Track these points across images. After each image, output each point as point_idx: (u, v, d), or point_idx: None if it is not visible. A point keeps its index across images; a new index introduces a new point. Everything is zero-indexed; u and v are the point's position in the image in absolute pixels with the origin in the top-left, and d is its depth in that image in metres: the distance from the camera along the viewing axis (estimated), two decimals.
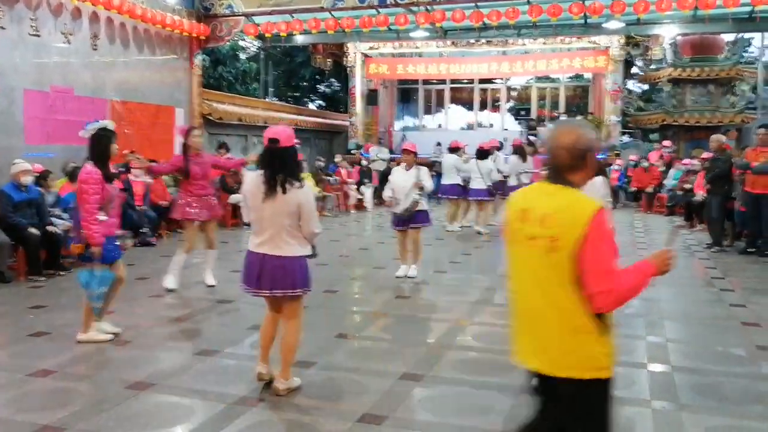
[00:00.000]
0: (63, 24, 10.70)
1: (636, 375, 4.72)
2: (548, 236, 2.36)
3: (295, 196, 4.14)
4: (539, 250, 2.39)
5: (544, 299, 2.42)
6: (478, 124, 24.28)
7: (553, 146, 2.48)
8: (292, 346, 4.38)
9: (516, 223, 2.51)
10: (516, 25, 14.30)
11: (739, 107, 18.53)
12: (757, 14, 13.56)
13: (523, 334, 2.54)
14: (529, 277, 2.48)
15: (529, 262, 2.46)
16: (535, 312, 2.46)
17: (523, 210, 2.49)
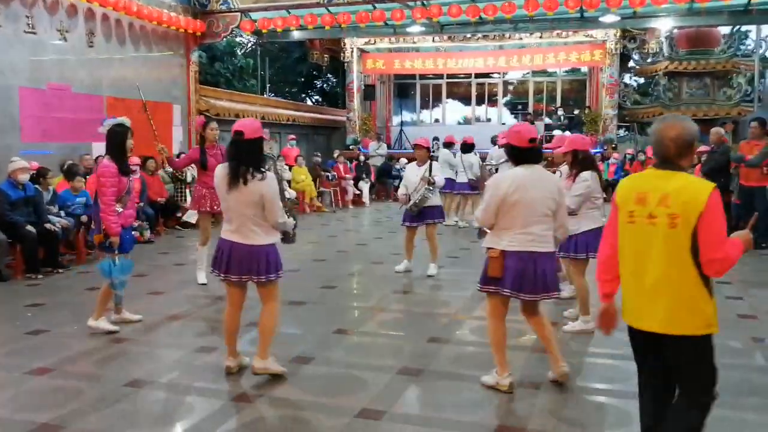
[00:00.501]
0: (59, 21, 10.69)
1: (634, 368, 4.71)
2: (668, 214, 2.76)
3: (256, 187, 4.31)
4: (660, 227, 2.79)
5: (666, 269, 2.80)
6: (475, 118, 24.29)
7: (660, 138, 2.90)
8: (269, 328, 4.56)
9: (632, 205, 2.90)
10: (512, 20, 14.30)
11: (735, 100, 18.54)
12: (753, 7, 13.57)
13: (640, 300, 2.91)
14: (650, 250, 2.83)
15: (649, 238, 2.82)
16: (656, 280, 2.82)
17: (639, 194, 2.88)
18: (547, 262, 4.16)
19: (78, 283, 7.66)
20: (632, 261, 2.93)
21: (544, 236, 4.15)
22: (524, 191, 4.07)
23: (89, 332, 5.59)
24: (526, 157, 4.17)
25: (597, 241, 5.19)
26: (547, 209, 4.13)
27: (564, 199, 4.31)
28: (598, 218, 5.43)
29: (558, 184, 4.30)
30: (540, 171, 4.22)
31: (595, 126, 18.91)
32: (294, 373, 4.64)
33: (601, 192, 5.54)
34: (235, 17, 14.16)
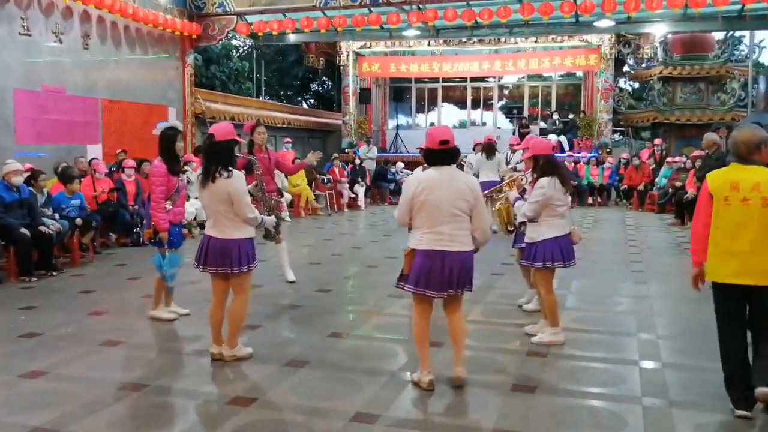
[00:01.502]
0: (54, 23, 10.68)
1: (627, 372, 4.75)
2: (762, 197, 3.78)
3: (224, 185, 4.68)
4: (754, 207, 3.80)
5: (761, 236, 3.79)
6: (471, 122, 24.33)
7: (735, 142, 3.95)
8: (237, 317, 4.93)
9: (726, 192, 3.87)
10: (508, 24, 14.35)
11: (729, 105, 18.63)
12: (746, 12, 13.65)
13: (736, 262, 3.84)
14: (746, 223, 3.81)
15: (745, 215, 3.81)
16: (753, 247, 3.80)
17: (732, 183, 3.86)
18: (457, 261, 4.24)
19: (72, 286, 7.64)
20: (728, 233, 3.87)
21: (454, 236, 4.24)
22: (431, 192, 4.19)
23: (150, 318, 6.05)
24: (438, 158, 4.28)
25: (558, 250, 5.16)
26: (456, 210, 4.22)
27: (480, 200, 4.34)
28: (559, 226, 5.29)
29: (471, 186, 4.31)
30: (451, 172, 4.30)
31: (590, 130, 18.96)
32: (289, 377, 4.64)
33: (563, 199, 5.27)
34: (231, 20, 14.17)
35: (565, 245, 5.31)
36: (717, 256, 3.93)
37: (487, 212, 4.61)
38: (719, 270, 3.93)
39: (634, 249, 10.13)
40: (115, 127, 12.11)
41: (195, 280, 7.97)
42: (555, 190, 5.19)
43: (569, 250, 5.34)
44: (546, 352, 5.20)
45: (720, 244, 3.91)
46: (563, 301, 6.91)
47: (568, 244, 5.35)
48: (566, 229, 5.35)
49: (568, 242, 5.35)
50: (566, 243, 5.33)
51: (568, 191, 5.32)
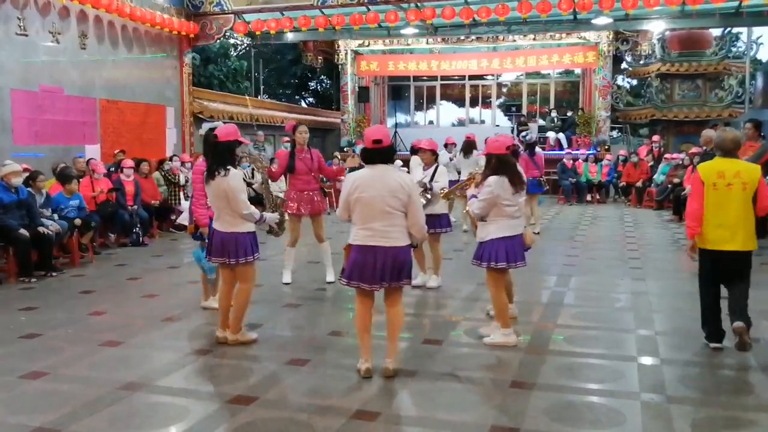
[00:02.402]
0: (51, 23, 10.68)
1: (626, 368, 4.77)
2: (742, 182, 4.88)
3: (222, 182, 5.04)
4: (736, 190, 4.89)
5: (741, 212, 4.90)
6: (469, 120, 24.33)
7: (723, 141, 5.06)
8: (239, 305, 5.28)
9: (715, 179, 4.94)
10: (506, 22, 14.35)
11: (726, 102, 18.64)
12: (744, 9, 13.64)
13: (724, 231, 4.91)
14: (730, 204, 4.89)
15: (729, 197, 4.90)
16: (736, 220, 4.89)
17: (719, 172, 4.96)
18: (389, 256, 4.42)
19: (71, 287, 7.65)
20: (718, 211, 4.93)
21: (386, 232, 4.41)
22: (363, 190, 4.40)
23: (202, 308, 6.12)
24: (372, 157, 4.47)
25: (503, 250, 5.14)
26: (388, 207, 4.37)
27: (414, 198, 4.47)
28: (507, 227, 5.22)
29: (404, 184, 4.42)
30: (384, 170, 4.45)
31: (588, 127, 18.97)
32: (289, 375, 4.66)
33: (513, 200, 5.18)
34: (229, 19, 14.16)
35: (513, 246, 5.22)
36: (706, 229, 5.00)
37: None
38: (708, 239, 5.01)
39: (632, 246, 10.14)
40: (113, 127, 12.11)
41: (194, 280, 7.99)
42: (503, 190, 5.11)
43: (516, 251, 5.24)
44: (545, 349, 5.22)
45: (710, 221, 4.97)
46: (562, 298, 6.94)
47: (516, 245, 5.25)
48: (516, 230, 5.25)
49: (516, 243, 5.25)
50: (514, 244, 5.23)
51: (518, 192, 5.20)
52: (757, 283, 7.47)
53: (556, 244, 10.46)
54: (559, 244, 10.42)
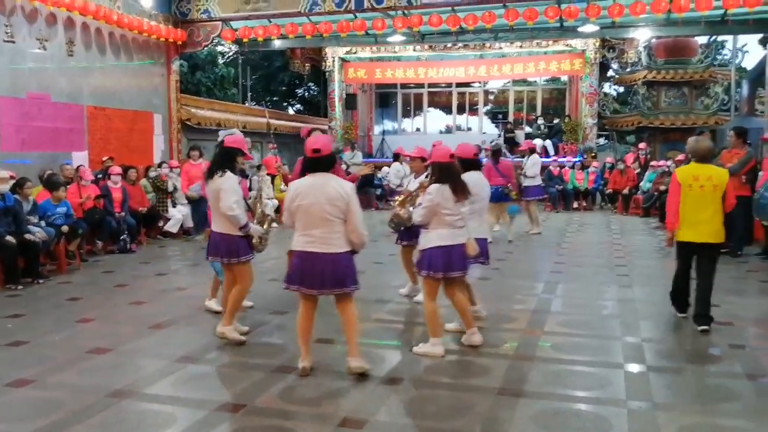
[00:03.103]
0: (38, 30, 10.63)
1: (613, 375, 4.81)
2: (713, 185, 5.76)
3: (217, 183, 5.39)
4: (708, 191, 5.77)
5: (712, 210, 5.77)
6: (456, 127, 24.43)
7: (697, 148, 5.97)
8: (232, 301, 5.59)
9: (690, 181, 5.81)
10: (493, 29, 14.42)
11: (712, 109, 18.82)
12: (729, 17, 13.78)
13: (697, 227, 5.79)
14: (703, 203, 5.77)
15: (703, 197, 5.77)
16: (708, 217, 5.76)
17: (693, 175, 5.82)
18: (328, 262, 4.57)
19: (59, 294, 7.61)
20: (693, 209, 5.80)
21: (325, 238, 4.56)
22: (304, 197, 4.56)
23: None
24: (312, 165, 4.65)
25: (440, 259, 5.11)
26: (326, 214, 4.52)
27: (352, 205, 4.58)
28: (447, 236, 5.16)
29: (343, 192, 4.55)
30: (325, 178, 4.60)
31: (575, 135, 19.09)
32: (277, 383, 4.66)
33: (454, 209, 5.13)
34: (216, 26, 14.16)
35: (451, 255, 5.16)
36: (683, 225, 5.89)
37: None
38: (684, 233, 5.91)
39: (619, 253, 10.22)
40: (100, 133, 12.06)
41: (182, 287, 7.98)
42: (443, 198, 5.08)
43: (454, 260, 5.17)
44: (532, 356, 5.25)
45: (685, 217, 5.86)
46: (548, 305, 6.98)
47: (455, 255, 5.18)
48: (457, 239, 5.19)
49: (455, 253, 5.18)
50: (452, 253, 5.17)
51: (460, 201, 5.15)
52: (743, 291, 7.60)
53: (543, 251, 10.51)
54: (546, 251, 10.47)
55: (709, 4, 11.86)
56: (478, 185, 5.76)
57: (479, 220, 5.83)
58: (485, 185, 5.99)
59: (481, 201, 5.85)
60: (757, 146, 11.22)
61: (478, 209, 5.77)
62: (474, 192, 5.49)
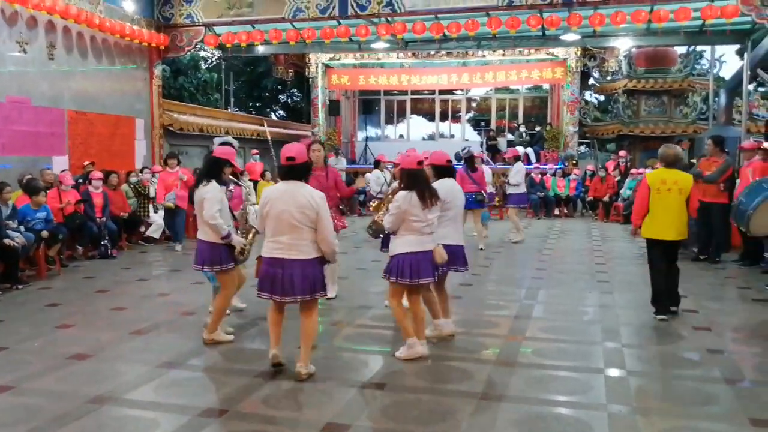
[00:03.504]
0: (18, 33, 10.54)
1: (593, 380, 4.85)
2: (679, 188, 6.28)
3: (201, 192, 5.53)
4: (674, 194, 6.30)
5: (677, 211, 6.32)
6: (439, 134, 24.52)
7: (667, 155, 6.49)
8: (216, 308, 5.71)
9: (658, 185, 6.35)
10: (475, 37, 14.52)
11: (691, 118, 19.09)
12: (707, 28, 14.00)
13: (665, 226, 6.37)
14: (670, 204, 6.31)
15: (668, 200, 6.31)
16: (674, 217, 6.34)
17: (662, 180, 6.35)
18: (296, 268, 4.63)
19: (38, 299, 7.54)
20: (660, 210, 6.37)
21: (293, 245, 4.64)
22: (273, 204, 4.65)
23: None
24: (285, 173, 4.76)
25: (407, 266, 5.12)
26: (294, 221, 4.59)
27: (322, 213, 4.65)
28: (413, 243, 5.15)
29: (312, 200, 4.62)
30: (296, 186, 4.68)
31: (556, 142, 19.24)
32: (259, 388, 4.64)
33: (421, 215, 5.10)
34: (199, 31, 14.12)
35: (417, 262, 5.14)
36: (652, 223, 6.48)
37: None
38: (653, 231, 6.51)
39: (599, 259, 10.30)
40: (81, 138, 11.97)
41: (164, 293, 7.94)
42: (410, 205, 5.07)
43: (422, 267, 5.14)
44: (514, 362, 5.28)
45: (654, 217, 6.44)
46: (530, 311, 7.02)
47: (422, 262, 5.16)
48: (424, 246, 5.17)
49: (421, 260, 5.16)
50: (419, 260, 5.15)
51: (427, 208, 5.11)
52: (721, 297, 7.71)
53: (524, 258, 10.58)
54: (528, 258, 10.54)
55: (688, 15, 12.06)
56: (451, 192, 5.73)
57: (453, 227, 5.79)
58: (459, 192, 5.92)
59: (455, 208, 5.81)
60: (734, 155, 11.38)
61: (451, 216, 5.75)
62: (447, 199, 5.54)
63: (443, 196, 5.43)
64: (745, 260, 9.61)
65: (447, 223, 5.65)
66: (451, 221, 5.74)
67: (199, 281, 8.42)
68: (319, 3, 13.09)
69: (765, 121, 14.73)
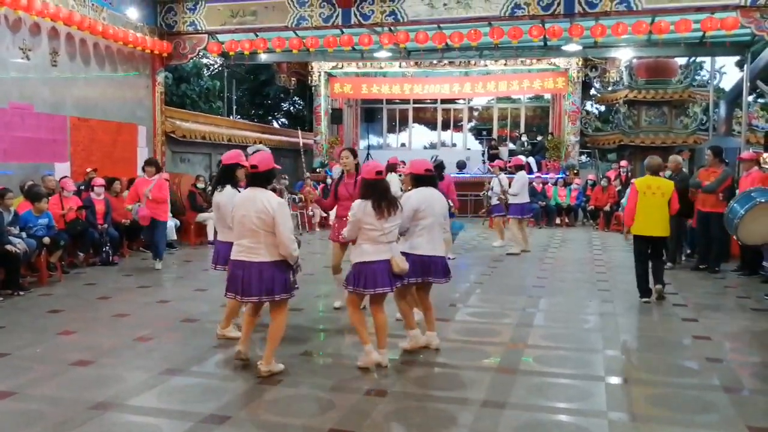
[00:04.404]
0: (21, 39, 10.58)
1: (594, 387, 4.86)
2: (662, 192, 7.55)
3: (217, 198, 6.02)
4: (657, 197, 7.54)
5: (659, 212, 7.56)
6: (441, 143, 24.57)
7: (651, 164, 7.77)
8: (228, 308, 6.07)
9: (645, 189, 7.57)
10: (478, 47, 14.58)
11: (691, 128, 19.13)
12: (707, 39, 14.08)
13: (650, 223, 7.55)
14: (654, 206, 7.53)
15: (653, 202, 7.53)
16: (657, 215, 7.55)
17: (647, 185, 7.59)
18: (254, 270, 4.87)
19: (39, 306, 7.55)
20: (645, 211, 7.53)
21: (252, 248, 4.89)
22: (238, 209, 4.96)
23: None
24: (250, 180, 5.06)
25: (361, 275, 5.13)
26: (253, 225, 4.84)
27: (279, 218, 4.83)
28: (368, 252, 5.17)
29: (269, 205, 4.83)
30: (256, 192, 4.92)
31: (557, 152, 19.27)
32: (262, 395, 4.66)
33: (377, 225, 5.09)
34: (202, 39, 14.17)
35: (374, 272, 5.13)
36: (638, 222, 7.65)
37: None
38: (639, 228, 7.69)
39: (600, 268, 10.32)
40: (83, 145, 12.01)
41: (166, 299, 7.96)
42: (364, 214, 5.10)
43: (377, 276, 5.13)
44: (515, 369, 5.30)
45: (641, 216, 7.61)
46: (531, 319, 7.03)
47: (379, 271, 5.14)
48: (380, 255, 5.14)
49: (377, 269, 5.14)
50: (374, 270, 5.14)
51: (382, 217, 5.09)
52: (721, 306, 7.71)
53: (526, 266, 10.59)
54: (529, 266, 10.55)
55: (689, 27, 12.12)
56: (426, 201, 5.59)
57: (428, 236, 5.60)
58: (437, 201, 5.70)
59: (431, 217, 5.59)
60: (734, 165, 11.41)
61: (426, 225, 5.56)
62: (421, 207, 5.48)
63: (417, 204, 5.43)
64: (744, 270, 9.62)
65: (421, 232, 5.55)
66: (425, 230, 5.57)
67: (201, 288, 8.45)
68: (322, 12, 13.16)
69: (764, 132, 14.77)
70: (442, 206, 5.79)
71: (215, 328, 6.23)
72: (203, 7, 13.87)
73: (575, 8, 11.96)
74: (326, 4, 13.06)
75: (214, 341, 6.01)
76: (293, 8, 13.28)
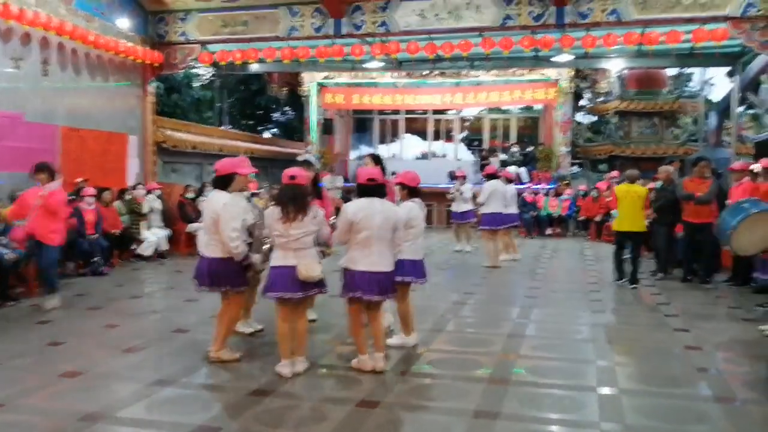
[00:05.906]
0: (12, 49, 10.53)
1: (586, 398, 4.85)
2: (638, 196, 9.44)
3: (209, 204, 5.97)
4: (633, 200, 9.39)
5: (635, 212, 9.41)
6: (432, 153, 24.59)
7: (630, 175, 9.75)
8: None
9: (624, 194, 9.47)
10: (469, 57, 14.64)
11: (682, 139, 19.25)
12: (697, 50, 14.20)
13: (627, 221, 9.44)
14: (630, 207, 9.40)
15: (631, 204, 9.39)
16: (632, 215, 9.41)
17: (626, 191, 9.49)
18: (205, 263, 5.65)
19: (29, 316, 7.49)
20: (623, 211, 9.46)
21: (207, 244, 5.65)
22: (203, 209, 5.77)
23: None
24: (214, 183, 5.86)
25: (273, 279, 5.19)
26: (207, 224, 5.61)
27: (220, 218, 5.42)
28: (278, 258, 5.27)
29: (216, 207, 5.49)
30: (215, 194, 5.68)
31: (548, 162, 19.32)
32: (253, 406, 4.63)
33: (282, 230, 5.14)
34: (194, 49, 14.16)
35: (282, 276, 5.17)
36: (618, 220, 9.53)
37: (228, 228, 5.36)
38: (618, 225, 9.57)
39: (592, 279, 10.33)
40: (74, 154, 11.94)
41: (157, 310, 7.91)
42: (272, 219, 5.18)
43: (286, 282, 5.15)
44: (507, 380, 5.28)
45: (621, 216, 9.45)
46: (523, 329, 7.03)
47: (286, 276, 5.16)
48: (287, 260, 5.17)
49: (286, 274, 5.16)
50: (284, 274, 5.17)
51: (288, 222, 5.10)
52: (712, 316, 7.73)
53: (517, 277, 10.59)
54: (521, 277, 10.56)
55: (679, 38, 12.21)
56: (364, 213, 5.32)
57: (366, 251, 5.35)
58: (377, 213, 5.34)
59: (368, 230, 5.31)
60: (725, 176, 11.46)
61: (362, 239, 5.33)
62: (356, 220, 5.28)
63: (351, 216, 5.28)
64: (735, 280, 9.65)
65: (356, 246, 5.39)
66: (360, 245, 5.38)
67: (192, 298, 8.39)
68: (313, 22, 13.19)
69: (754, 143, 14.87)
70: (385, 218, 5.35)
71: (205, 339, 6.18)
72: (195, 17, 13.87)
73: (566, 19, 12.04)
74: (318, 15, 13.10)
75: (204, 353, 5.96)
76: (285, 18, 13.31)
